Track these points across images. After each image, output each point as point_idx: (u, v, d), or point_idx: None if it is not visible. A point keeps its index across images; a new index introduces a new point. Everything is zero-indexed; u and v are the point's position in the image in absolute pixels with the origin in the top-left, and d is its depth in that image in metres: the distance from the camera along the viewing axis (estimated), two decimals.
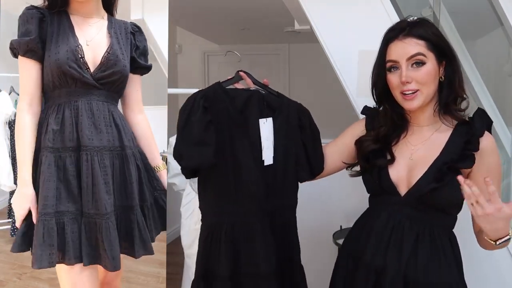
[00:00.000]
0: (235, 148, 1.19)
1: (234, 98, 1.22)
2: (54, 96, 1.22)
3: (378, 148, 1.22)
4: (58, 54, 1.17)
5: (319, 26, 1.66)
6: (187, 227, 1.62)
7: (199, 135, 1.12)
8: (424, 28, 1.15)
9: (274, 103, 1.27)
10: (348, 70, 1.63)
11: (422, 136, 1.20)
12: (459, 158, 1.11)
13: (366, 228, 1.23)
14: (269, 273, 1.19)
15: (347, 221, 1.95)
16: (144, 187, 1.29)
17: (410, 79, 1.12)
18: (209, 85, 1.24)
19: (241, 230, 1.20)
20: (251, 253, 1.19)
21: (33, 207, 1.16)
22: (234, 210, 1.20)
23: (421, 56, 1.12)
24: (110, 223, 1.16)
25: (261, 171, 1.22)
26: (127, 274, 2.27)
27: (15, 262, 2.31)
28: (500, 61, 2.19)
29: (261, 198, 1.21)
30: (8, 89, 2.34)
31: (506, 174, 1.97)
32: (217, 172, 1.19)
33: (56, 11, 1.23)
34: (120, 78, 1.24)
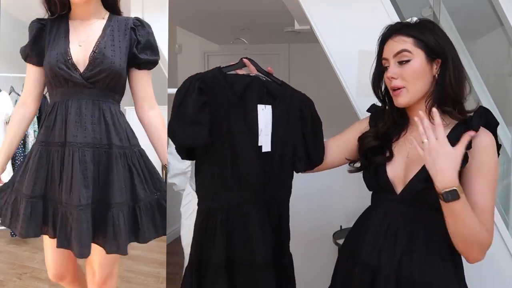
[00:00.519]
0: (233, 133, 1.18)
1: (234, 83, 1.21)
2: (52, 96, 1.33)
3: (378, 145, 1.23)
4: (50, 58, 1.27)
5: (319, 26, 1.66)
6: (187, 227, 1.62)
7: (193, 114, 1.12)
8: (419, 27, 1.15)
9: (275, 91, 1.26)
10: (348, 70, 1.63)
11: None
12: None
13: (364, 226, 1.24)
14: (265, 263, 1.19)
15: (347, 221, 1.95)
16: (136, 187, 1.29)
17: (396, 76, 1.14)
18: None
19: (237, 218, 1.19)
20: (247, 241, 1.18)
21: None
22: (230, 197, 1.19)
23: (406, 52, 1.13)
24: (83, 214, 1.20)
25: (258, 158, 1.21)
26: (127, 274, 2.28)
27: (15, 262, 2.31)
28: (500, 61, 2.19)
29: (259, 186, 1.20)
30: (8, 89, 2.34)
31: (506, 174, 1.97)
32: (214, 156, 1.18)
33: (57, 19, 1.32)
34: (109, 75, 1.25)
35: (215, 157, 1.19)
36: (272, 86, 1.27)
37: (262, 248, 1.19)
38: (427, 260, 1.12)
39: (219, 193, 1.20)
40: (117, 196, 1.25)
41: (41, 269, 2.22)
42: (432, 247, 1.13)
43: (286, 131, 1.27)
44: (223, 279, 1.17)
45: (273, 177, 1.24)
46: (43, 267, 2.20)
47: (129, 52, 1.30)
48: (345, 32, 1.64)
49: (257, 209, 1.20)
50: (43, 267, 2.22)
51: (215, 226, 1.18)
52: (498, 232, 1.57)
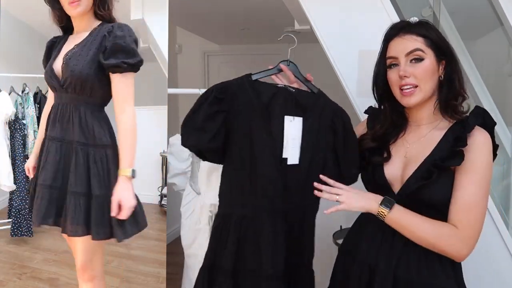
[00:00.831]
0: (254, 142, 1.19)
1: (261, 92, 1.23)
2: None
3: (375, 146, 1.23)
4: (45, 69, 1.51)
5: (319, 26, 1.66)
6: (187, 227, 1.62)
7: (201, 122, 1.18)
8: (424, 27, 1.16)
9: (306, 103, 1.25)
10: (348, 70, 1.63)
11: (419, 134, 1.20)
12: (448, 155, 1.10)
13: (362, 226, 1.25)
14: (271, 274, 1.17)
15: (347, 221, 1.95)
16: (92, 181, 1.39)
17: (409, 74, 1.13)
18: (209, 85, 1.25)
19: (249, 225, 1.19)
20: (256, 250, 1.18)
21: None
22: (245, 203, 1.20)
23: (419, 51, 1.13)
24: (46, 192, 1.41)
25: (279, 169, 1.20)
26: (127, 274, 2.28)
27: (15, 262, 2.31)
28: (500, 61, 2.19)
29: (275, 196, 1.19)
30: (8, 89, 2.35)
31: (506, 174, 1.96)
32: (234, 162, 1.21)
33: (64, 35, 1.56)
34: (77, 82, 1.39)
35: (235, 164, 1.21)
36: (303, 97, 1.25)
37: (269, 258, 1.17)
38: (424, 260, 1.12)
39: (235, 199, 1.21)
40: (72, 185, 1.39)
41: (41, 269, 2.22)
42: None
43: (316, 143, 1.25)
44: (228, 285, 1.18)
45: (297, 189, 1.22)
46: (43, 267, 2.21)
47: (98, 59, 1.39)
48: (345, 32, 1.64)
49: (272, 219, 1.19)
50: (43, 267, 2.22)
51: (228, 231, 1.20)
52: (498, 232, 1.57)
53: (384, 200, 1.11)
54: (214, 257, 1.22)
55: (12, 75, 2.38)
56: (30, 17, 2.54)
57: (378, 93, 1.25)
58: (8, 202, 2.44)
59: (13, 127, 2.36)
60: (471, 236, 1.08)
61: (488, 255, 1.57)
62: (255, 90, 1.22)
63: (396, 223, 1.10)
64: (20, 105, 2.40)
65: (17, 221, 2.38)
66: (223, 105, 1.19)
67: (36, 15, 2.55)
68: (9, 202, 2.43)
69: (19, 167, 2.35)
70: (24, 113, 2.40)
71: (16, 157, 2.35)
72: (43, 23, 2.70)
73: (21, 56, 2.48)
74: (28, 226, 2.39)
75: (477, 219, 1.08)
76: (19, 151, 2.36)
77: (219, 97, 1.19)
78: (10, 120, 2.32)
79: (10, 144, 2.33)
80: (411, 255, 1.12)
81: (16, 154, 2.35)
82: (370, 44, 1.25)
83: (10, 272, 2.23)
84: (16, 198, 2.39)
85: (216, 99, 1.19)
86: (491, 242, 1.57)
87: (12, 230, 2.38)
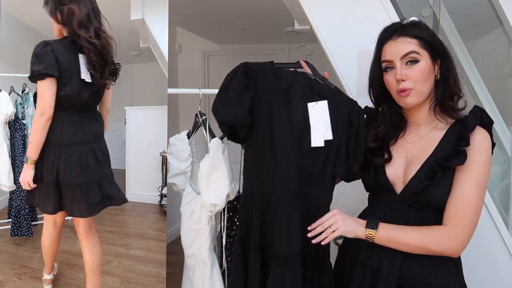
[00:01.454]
0: (273, 124, 1.23)
1: (281, 77, 1.28)
2: None
3: (376, 146, 1.23)
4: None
5: (319, 26, 1.66)
6: (187, 227, 1.62)
7: (235, 95, 1.23)
8: (417, 27, 1.16)
9: (323, 92, 1.28)
10: (348, 70, 1.63)
11: (419, 134, 1.20)
12: (451, 155, 1.10)
13: None
14: (286, 255, 1.20)
15: None
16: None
17: (405, 77, 1.13)
18: (209, 85, 1.27)
19: (268, 203, 1.24)
20: (274, 229, 1.23)
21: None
22: (265, 183, 1.24)
23: (414, 54, 1.13)
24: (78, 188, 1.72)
25: (296, 153, 1.23)
26: (127, 274, 2.28)
27: (15, 262, 2.31)
28: (500, 61, 2.19)
29: (292, 180, 1.22)
30: (8, 89, 2.35)
31: (506, 174, 1.96)
32: (254, 142, 1.26)
33: None
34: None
35: (255, 143, 1.26)
36: (320, 86, 1.28)
37: (285, 240, 1.21)
38: (426, 258, 1.12)
39: (256, 179, 1.26)
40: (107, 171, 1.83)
41: (41, 269, 2.22)
42: None
43: (334, 132, 1.26)
44: (257, 256, 1.23)
45: (314, 174, 1.24)
46: (43, 267, 2.20)
47: None
48: (345, 32, 1.64)
49: (288, 202, 1.22)
50: (43, 267, 2.22)
51: (252, 208, 1.26)
52: (498, 232, 1.57)
53: (368, 222, 1.12)
54: (245, 232, 1.29)
55: (12, 75, 2.38)
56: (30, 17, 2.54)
57: (374, 95, 1.25)
58: (8, 202, 2.44)
59: (13, 127, 2.36)
60: (463, 232, 1.08)
61: (488, 255, 1.57)
62: (275, 75, 1.27)
63: (386, 240, 1.11)
64: (20, 105, 2.40)
65: (17, 221, 2.38)
66: (249, 82, 1.25)
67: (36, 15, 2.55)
68: (9, 202, 2.43)
69: (19, 167, 2.34)
70: (24, 113, 2.40)
71: (16, 157, 2.35)
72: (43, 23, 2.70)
73: (21, 56, 2.49)
74: (28, 226, 2.39)
75: (470, 216, 1.08)
76: (19, 151, 2.36)
77: (247, 73, 1.25)
78: (10, 120, 2.32)
79: (10, 144, 2.33)
80: (414, 255, 1.12)
81: (16, 154, 2.35)
82: (370, 44, 1.25)
83: (10, 272, 2.23)
84: (16, 198, 2.39)
85: (244, 74, 1.24)
86: (491, 242, 1.57)
87: (12, 230, 2.38)
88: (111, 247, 2.51)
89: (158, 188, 2.76)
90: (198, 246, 1.55)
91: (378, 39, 1.20)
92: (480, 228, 1.57)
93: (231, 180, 1.44)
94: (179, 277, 1.70)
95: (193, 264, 1.58)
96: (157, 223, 2.70)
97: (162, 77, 2.28)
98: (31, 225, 2.42)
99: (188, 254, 1.60)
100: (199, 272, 1.56)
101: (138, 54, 2.75)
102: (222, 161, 1.43)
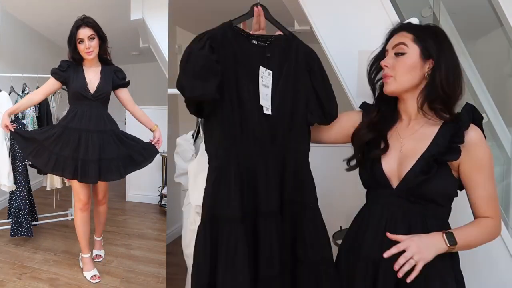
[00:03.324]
0: (241, 92, 1.22)
1: (241, 42, 1.25)
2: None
3: (373, 137, 1.26)
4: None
5: (319, 26, 1.66)
6: (186, 227, 1.62)
7: (203, 69, 1.15)
8: (423, 27, 1.23)
9: (279, 53, 1.28)
10: (348, 70, 1.63)
11: (411, 129, 1.23)
12: (446, 151, 1.14)
13: (363, 223, 1.28)
14: (266, 212, 1.21)
15: (347, 221, 1.95)
16: (120, 147, 2.17)
17: (388, 65, 1.21)
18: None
19: (246, 171, 1.21)
20: (254, 193, 1.21)
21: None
22: (240, 150, 1.21)
23: (402, 45, 1.19)
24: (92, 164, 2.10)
25: (263, 116, 1.24)
26: (127, 274, 2.28)
27: (15, 262, 2.31)
28: (500, 61, 2.19)
29: (265, 139, 1.22)
30: (8, 89, 2.34)
31: (506, 174, 1.97)
32: (223, 113, 1.21)
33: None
34: (106, 96, 2.17)
35: (225, 115, 1.21)
36: (274, 47, 1.28)
37: (265, 197, 1.21)
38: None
39: (230, 148, 1.21)
40: (108, 153, 2.12)
41: (41, 269, 2.22)
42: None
43: (295, 87, 1.28)
44: (239, 233, 1.18)
45: (282, 134, 1.25)
46: (43, 267, 2.21)
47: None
48: (345, 32, 1.64)
49: (264, 160, 1.22)
50: (43, 267, 2.22)
51: (229, 180, 1.19)
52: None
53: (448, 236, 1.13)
54: (213, 210, 1.21)
55: (12, 75, 2.37)
56: (30, 17, 2.54)
57: (370, 80, 1.31)
58: (8, 202, 2.43)
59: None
60: (500, 220, 1.22)
61: (488, 255, 1.57)
62: (237, 40, 1.25)
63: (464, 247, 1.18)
64: None
65: (17, 221, 2.38)
66: (216, 55, 1.18)
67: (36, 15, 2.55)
68: (9, 202, 2.42)
69: (19, 167, 2.34)
70: (24, 113, 2.40)
71: (16, 157, 2.35)
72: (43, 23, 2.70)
73: (21, 56, 2.49)
74: (28, 226, 2.39)
75: (498, 205, 1.22)
76: (19, 151, 2.36)
77: (212, 46, 1.18)
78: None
79: (10, 144, 2.33)
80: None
81: (16, 154, 2.35)
82: (370, 44, 1.25)
83: (10, 272, 2.23)
84: (16, 198, 2.39)
85: (211, 47, 1.17)
86: (491, 242, 1.57)
87: (12, 230, 2.38)
88: (111, 247, 2.51)
89: (158, 188, 2.76)
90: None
91: (389, 31, 1.27)
92: None
93: None
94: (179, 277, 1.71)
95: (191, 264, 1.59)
96: (157, 223, 2.70)
97: (162, 77, 2.28)
98: (31, 225, 2.42)
99: (186, 254, 1.60)
100: None
101: (138, 54, 2.75)
102: None
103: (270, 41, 1.29)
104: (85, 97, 2.12)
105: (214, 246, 1.19)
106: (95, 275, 2.21)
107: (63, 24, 2.39)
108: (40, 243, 2.48)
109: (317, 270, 1.26)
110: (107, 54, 2.20)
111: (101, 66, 2.20)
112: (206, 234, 1.20)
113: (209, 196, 1.21)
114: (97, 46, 2.13)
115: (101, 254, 2.39)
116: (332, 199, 2.03)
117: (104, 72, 2.18)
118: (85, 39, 2.09)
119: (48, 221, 2.61)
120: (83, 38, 2.10)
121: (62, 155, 2.09)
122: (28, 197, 2.42)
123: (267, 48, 1.28)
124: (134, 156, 2.22)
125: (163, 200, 2.72)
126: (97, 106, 2.16)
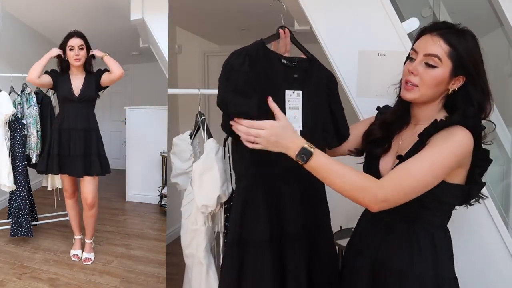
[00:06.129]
0: (270, 112, 1.19)
1: (272, 63, 1.25)
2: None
3: (381, 136, 1.26)
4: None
5: (319, 26, 1.66)
6: (186, 227, 1.62)
7: (246, 85, 1.16)
8: (459, 37, 1.13)
9: (303, 75, 1.29)
10: (348, 70, 1.63)
11: (412, 132, 1.22)
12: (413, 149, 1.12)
13: (363, 223, 1.32)
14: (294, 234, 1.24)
15: (347, 221, 1.95)
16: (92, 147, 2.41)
17: (416, 72, 1.14)
18: (209, 85, 1.26)
19: (272, 193, 1.23)
20: (280, 215, 1.23)
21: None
22: (266, 173, 1.22)
23: (436, 58, 1.12)
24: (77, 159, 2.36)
25: None
26: (127, 274, 2.28)
27: (15, 262, 2.31)
28: (500, 61, 2.19)
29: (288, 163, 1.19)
30: (8, 89, 2.35)
31: (506, 174, 1.96)
32: None
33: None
34: (89, 98, 2.42)
35: None
36: (299, 69, 1.28)
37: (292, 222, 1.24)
38: (403, 250, 1.16)
39: (257, 170, 1.22)
40: (94, 149, 2.38)
41: (41, 269, 2.23)
42: (410, 239, 1.16)
43: (316, 109, 1.29)
44: (266, 255, 1.21)
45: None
46: (43, 267, 2.21)
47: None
48: (345, 33, 1.64)
49: (288, 185, 1.24)
50: (43, 267, 2.23)
51: (258, 202, 1.21)
52: (498, 232, 1.57)
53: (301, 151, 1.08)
54: (242, 233, 1.23)
55: (12, 75, 2.38)
56: (30, 17, 2.54)
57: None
58: (8, 202, 2.44)
59: (13, 127, 2.36)
60: (386, 193, 1.06)
61: (488, 255, 1.57)
62: (267, 59, 1.24)
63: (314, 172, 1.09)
64: (20, 105, 2.40)
65: (17, 221, 2.38)
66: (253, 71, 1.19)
67: (36, 15, 2.55)
68: (9, 202, 2.43)
69: (19, 167, 2.35)
70: (23, 113, 2.40)
71: (16, 157, 2.35)
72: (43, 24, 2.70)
73: (21, 56, 2.49)
74: (28, 226, 2.39)
75: (405, 185, 1.06)
76: (19, 151, 2.36)
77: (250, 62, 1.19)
78: (10, 120, 2.32)
79: (10, 144, 2.33)
80: (391, 246, 1.18)
81: (16, 154, 2.35)
82: (370, 44, 1.25)
83: (10, 272, 2.23)
84: (16, 198, 2.39)
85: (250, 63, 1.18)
86: (491, 242, 1.57)
87: (12, 230, 2.38)
88: (111, 247, 2.51)
89: (158, 188, 2.76)
90: (195, 246, 1.55)
91: (421, 28, 1.20)
92: (480, 228, 1.58)
93: (223, 181, 1.44)
94: (179, 277, 1.70)
95: (191, 264, 1.58)
96: (157, 223, 2.70)
97: (162, 77, 2.29)
98: (31, 225, 2.42)
99: (186, 254, 1.60)
100: (196, 272, 1.56)
101: (138, 54, 2.76)
102: (215, 162, 1.43)
103: (296, 62, 1.29)
104: (71, 100, 2.35)
105: (241, 269, 1.23)
106: (75, 254, 2.42)
107: (63, 25, 2.40)
108: (40, 243, 2.48)
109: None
110: (91, 67, 2.46)
111: (85, 74, 2.42)
112: (233, 258, 1.23)
113: (238, 218, 1.24)
114: (84, 56, 2.36)
115: (91, 257, 2.42)
116: (332, 199, 2.03)
117: (88, 78, 2.42)
118: (75, 47, 2.32)
119: (48, 221, 2.62)
120: (74, 46, 2.32)
121: (54, 154, 2.35)
122: (28, 197, 2.42)
123: (294, 68, 1.28)
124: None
125: (163, 200, 2.72)
126: (82, 107, 2.41)
